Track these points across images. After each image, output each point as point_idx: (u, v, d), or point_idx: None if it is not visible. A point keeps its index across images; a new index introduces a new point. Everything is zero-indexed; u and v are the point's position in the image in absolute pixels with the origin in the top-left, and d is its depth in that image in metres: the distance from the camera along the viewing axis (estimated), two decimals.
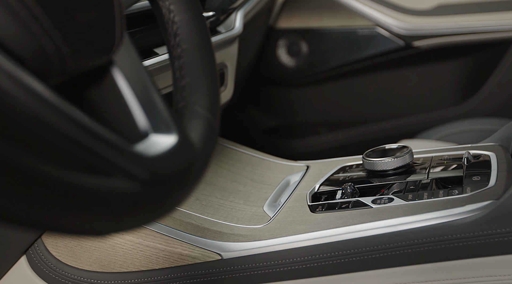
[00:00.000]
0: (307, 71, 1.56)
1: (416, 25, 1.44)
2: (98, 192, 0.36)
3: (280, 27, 1.55)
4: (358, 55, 1.51)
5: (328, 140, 1.60)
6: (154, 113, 0.46)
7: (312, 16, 1.53)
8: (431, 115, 1.51)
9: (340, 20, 1.51)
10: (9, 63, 0.36)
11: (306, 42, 1.54)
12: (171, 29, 0.55)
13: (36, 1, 0.38)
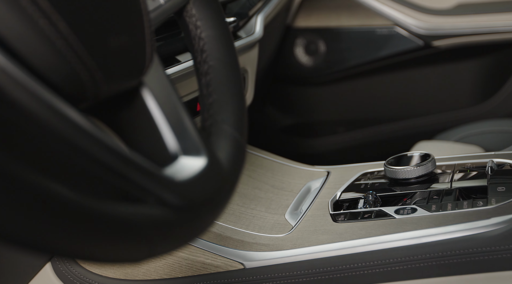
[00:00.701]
0: (325, 70, 1.56)
1: (436, 24, 1.43)
2: (131, 220, 0.36)
3: (298, 26, 1.54)
4: (376, 54, 1.50)
5: (345, 139, 1.60)
6: (183, 134, 0.46)
7: (330, 15, 1.53)
8: (450, 116, 1.50)
9: (358, 20, 1.50)
10: (44, 91, 0.36)
11: (324, 41, 1.53)
12: (198, 45, 0.55)
13: (71, 29, 0.38)
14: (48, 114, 0.36)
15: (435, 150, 1.22)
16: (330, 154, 1.61)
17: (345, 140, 1.60)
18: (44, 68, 0.37)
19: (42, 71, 0.37)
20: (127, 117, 0.46)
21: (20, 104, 0.35)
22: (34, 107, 0.36)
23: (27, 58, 0.36)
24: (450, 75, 1.51)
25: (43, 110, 0.36)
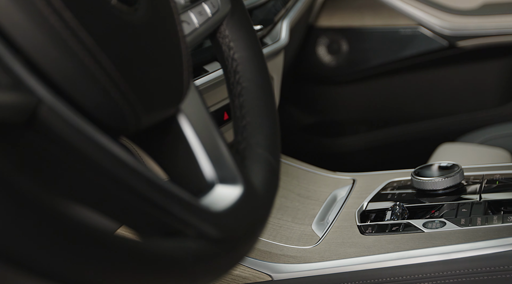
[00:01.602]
0: (347, 69, 1.55)
1: (461, 25, 1.41)
2: (174, 256, 0.37)
3: (321, 26, 1.54)
4: (400, 54, 1.49)
5: (367, 140, 1.59)
6: (219, 162, 0.46)
7: (353, 15, 1.51)
8: (474, 117, 1.49)
9: (382, 20, 1.49)
10: (89, 126, 0.37)
11: (346, 41, 1.52)
12: (231, 66, 0.55)
13: (115, 65, 0.38)
14: (90, 148, 0.37)
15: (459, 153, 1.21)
16: (352, 154, 1.60)
17: (367, 141, 1.59)
18: (88, 104, 0.37)
19: (86, 107, 0.37)
20: (164, 143, 0.46)
21: (65, 140, 0.36)
22: (78, 143, 0.36)
23: (72, 95, 0.37)
24: (474, 76, 1.50)
25: (85, 145, 0.37)
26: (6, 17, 0.34)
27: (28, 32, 0.35)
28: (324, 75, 1.57)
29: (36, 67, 0.36)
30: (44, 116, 0.35)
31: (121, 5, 0.40)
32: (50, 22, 0.35)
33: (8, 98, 0.33)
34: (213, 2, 0.54)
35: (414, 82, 1.54)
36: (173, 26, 0.46)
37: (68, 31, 0.36)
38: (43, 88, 0.35)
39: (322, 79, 1.58)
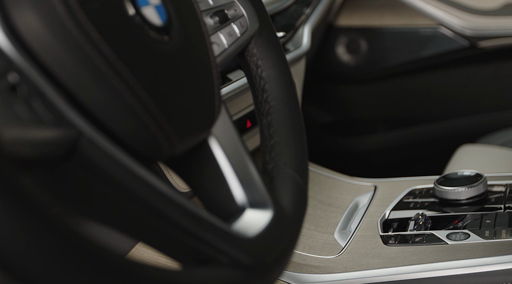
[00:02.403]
0: (366, 69, 1.54)
1: (482, 25, 1.40)
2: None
3: (340, 25, 1.53)
4: (420, 54, 1.48)
5: (385, 139, 1.59)
6: (250, 185, 0.47)
7: (373, 14, 1.51)
8: (494, 118, 1.48)
9: (402, 19, 1.48)
10: (125, 157, 0.37)
11: (366, 40, 1.52)
12: (259, 84, 0.56)
13: (151, 97, 0.39)
14: (127, 179, 0.38)
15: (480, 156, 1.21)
16: (370, 153, 1.60)
17: (385, 140, 1.59)
18: (124, 134, 0.38)
19: (123, 138, 0.38)
20: (196, 166, 0.47)
21: (104, 171, 0.37)
22: (116, 174, 0.37)
23: (110, 126, 0.37)
24: (495, 76, 1.48)
25: (123, 176, 0.37)
26: (48, 53, 0.35)
27: (69, 68, 0.35)
28: (342, 74, 1.56)
29: (76, 100, 0.36)
30: (83, 148, 0.36)
31: (157, 35, 0.41)
32: (90, 57, 0.36)
33: (51, 134, 0.34)
34: (242, 21, 0.54)
35: (434, 82, 1.53)
36: (205, 51, 0.46)
37: (107, 65, 0.36)
38: (82, 121, 0.36)
39: (340, 78, 1.58)
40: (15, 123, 0.32)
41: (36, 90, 0.34)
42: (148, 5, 0.41)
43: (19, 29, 0.34)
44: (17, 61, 0.34)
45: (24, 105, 0.33)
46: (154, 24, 0.41)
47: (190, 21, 0.45)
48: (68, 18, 0.35)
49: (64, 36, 0.35)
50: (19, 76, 0.33)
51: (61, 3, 0.35)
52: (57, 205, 0.36)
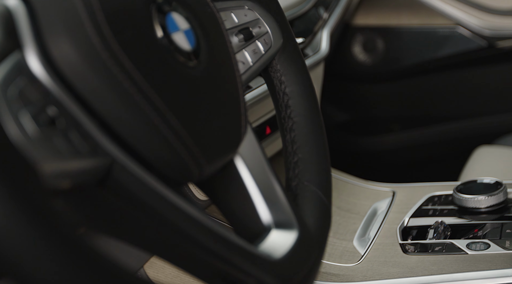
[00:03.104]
0: (382, 68, 1.54)
1: (501, 25, 1.39)
2: None
3: (357, 24, 1.52)
4: (437, 54, 1.48)
5: (400, 138, 1.58)
6: (275, 205, 0.47)
7: (390, 14, 1.50)
8: None
9: (419, 19, 1.47)
10: (156, 183, 0.38)
11: (382, 40, 1.51)
12: (282, 100, 0.56)
13: (181, 124, 0.39)
14: (158, 204, 0.38)
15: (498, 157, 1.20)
16: (385, 152, 1.60)
17: (401, 140, 1.59)
18: (155, 160, 0.39)
19: (154, 163, 0.39)
20: (222, 186, 0.47)
21: (136, 197, 0.37)
22: (148, 199, 0.38)
23: (142, 153, 0.38)
24: None
25: (154, 201, 0.38)
26: (83, 83, 0.35)
27: (103, 97, 0.36)
28: (358, 73, 1.56)
29: (109, 128, 0.37)
30: (116, 174, 0.36)
31: (186, 60, 0.41)
32: (124, 86, 0.36)
33: (88, 164, 0.35)
34: (266, 38, 0.54)
35: (451, 82, 1.53)
36: (231, 71, 0.46)
37: (140, 94, 0.37)
38: (116, 149, 0.36)
39: (356, 77, 1.57)
40: (55, 158, 0.32)
41: (73, 121, 0.34)
42: (178, 31, 0.41)
43: (55, 60, 0.35)
44: (55, 93, 0.34)
45: (63, 138, 0.33)
46: (184, 49, 0.41)
47: (217, 43, 0.45)
48: (103, 49, 0.36)
49: (99, 67, 0.36)
50: (57, 109, 0.34)
51: (97, 34, 0.36)
52: (85, 226, 0.37)
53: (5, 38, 0.34)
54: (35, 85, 0.33)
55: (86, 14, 0.36)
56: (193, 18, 0.43)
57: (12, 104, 0.31)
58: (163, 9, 0.41)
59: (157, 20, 0.40)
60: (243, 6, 0.54)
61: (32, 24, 0.35)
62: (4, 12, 0.35)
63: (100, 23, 0.36)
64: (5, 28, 0.34)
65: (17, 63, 0.33)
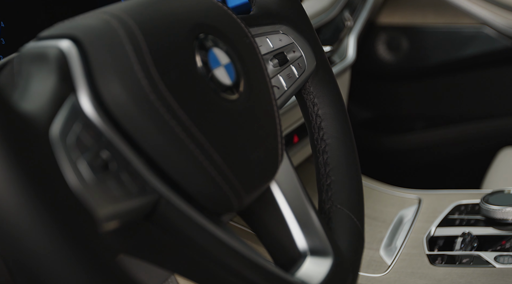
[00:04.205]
0: (406, 67, 1.53)
1: None
2: None
3: (381, 23, 1.52)
4: (462, 53, 1.47)
5: (423, 137, 1.58)
6: (310, 231, 0.48)
7: (416, 13, 1.49)
8: None
9: (444, 18, 1.46)
10: (200, 216, 0.39)
11: (407, 39, 1.51)
12: (315, 122, 0.56)
13: (222, 158, 0.40)
14: (201, 236, 0.40)
15: None
16: (408, 151, 1.60)
17: (423, 138, 1.58)
18: (198, 194, 0.40)
19: (196, 197, 0.40)
20: (258, 211, 0.48)
21: (180, 230, 0.39)
22: (191, 232, 0.39)
23: (185, 187, 0.39)
24: None
25: (197, 234, 0.39)
26: (132, 124, 0.36)
27: (151, 136, 0.37)
28: (382, 71, 1.56)
29: (156, 166, 0.38)
30: (162, 209, 0.38)
31: (227, 95, 0.42)
32: (170, 125, 0.37)
33: (137, 203, 0.36)
34: (300, 62, 0.55)
35: (475, 82, 1.52)
36: (269, 100, 0.47)
37: (185, 132, 0.38)
38: (162, 186, 0.38)
39: (380, 75, 1.57)
40: (108, 202, 0.34)
41: (124, 163, 0.36)
42: (219, 66, 0.42)
43: (106, 102, 0.36)
44: (107, 135, 0.35)
45: (115, 181, 0.34)
46: (225, 84, 0.42)
47: (255, 74, 0.46)
48: (151, 91, 0.37)
49: (148, 108, 0.37)
50: (109, 152, 0.35)
51: (145, 77, 0.37)
52: (124, 253, 0.39)
53: (61, 82, 0.35)
54: (89, 130, 0.34)
55: (135, 57, 0.37)
56: (232, 51, 0.44)
57: (71, 152, 0.32)
58: (205, 45, 0.42)
59: (199, 58, 0.41)
60: (278, 31, 0.54)
61: (84, 67, 0.36)
62: (58, 55, 0.36)
63: (148, 65, 0.37)
64: (60, 71, 0.35)
65: (72, 108, 0.34)
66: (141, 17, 0.39)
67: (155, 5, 0.42)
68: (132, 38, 0.37)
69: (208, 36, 0.43)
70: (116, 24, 0.38)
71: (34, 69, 0.36)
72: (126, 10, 0.39)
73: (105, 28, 0.37)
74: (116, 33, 0.37)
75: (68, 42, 0.36)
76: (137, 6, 0.41)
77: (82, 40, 0.37)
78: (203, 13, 0.44)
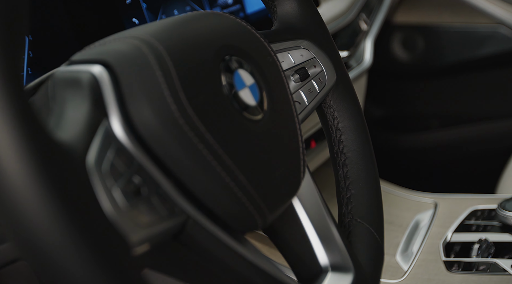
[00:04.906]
0: (421, 66, 1.53)
1: None
2: None
3: (397, 22, 1.52)
4: (477, 53, 1.46)
5: (438, 136, 1.58)
6: (331, 247, 0.49)
7: (432, 12, 1.49)
8: None
9: (461, 18, 1.46)
10: (227, 236, 0.40)
11: (423, 38, 1.50)
12: (335, 135, 0.57)
13: (248, 180, 0.41)
14: (228, 256, 0.41)
15: None
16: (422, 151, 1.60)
17: (438, 139, 1.58)
18: (224, 214, 0.40)
19: (223, 217, 0.41)
20: (279, 226, 0.49)
21: (207, 250, 0.40)
22: (218, 251, 0.40)
23: (213, 208, 0.40)
24: None
25: (224, 254, 0.40)
26: (161, 147, 0.37)
27: (179, 159, 0.38)
28: (397, 70, 1.55)
29: (184, 188, 0.39)
30: (189, 229, 0.39)
31: (251, 115, 0.43)
32: (198, 148, 0.38)
33: (167, 226, 0.37)
34: (321, 77, 0.55)
35: (491, 81, 1.51)
36: (291, 117, 0.48)
37: (212, 155, 0.39)
38: (190, 207, 0.38)
39: (394, 73, 1.57)
40: (141, 227, 0.35)
41: (154, 186, 0.36)
42: (244, 87, 0.43)
43: (136, 126, 0.37)
44: (138, 159, 0.36)
45: (147, 206, 0.35)
46: (250, 105, 0.43)
47: (278, 92, 0.47)
48: (180, 116, 0.38)
49: (177, 132, 0.37)
50: (141, 177, 0.36)
51: (174, 102, 0.37)
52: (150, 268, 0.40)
53: (94, 108, 0.36)
54: (122, 156, 0.35)
55: (165, 83, 0.38)
56: (256, 71, 0.45)
57: (106, 180, 0.33)
58: (230, 67, 0.42)
59: (225, 80, 0.41)
60: (299, 46, 0.55)
61: (116, 92, 0.37)
62: (91, 80, 0.37)
63: (177, 90, 0.38)
64: (93, 97, 0.36)
65: (105, 133, 0.35)
66: (169, 41, 0.40)
67: (181, 28, 0.42)
68: (161, 63, 0.38)
69: (233, 58, 0.43)
70: (146, 49, 0.38)
71: (68, 95, 0.37)
72: (154, 34, 0.40)
73: (135, 54, 0.38)
74: (146, 59, 0.38)
75: (100, 68, 0.37)
76: (165, 29, 0.41)
77: (114, 65, 0.37)
78: (228, 34, 0.45)
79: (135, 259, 0.35)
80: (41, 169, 0.29)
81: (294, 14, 0.55)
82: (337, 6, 0.97)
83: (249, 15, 0.84)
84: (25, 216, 0.29)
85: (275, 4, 0.56)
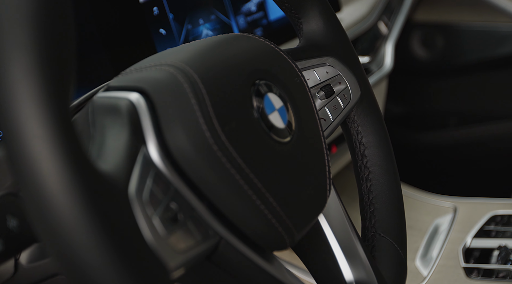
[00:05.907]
0: (441, 64, 1.53)
1: None
2: None
3: (417, 20, 1.51)
4: (498, 52, 1.46)
5: (456, 135, 1.58)
6: (356, 262, 0.50)
7: (452, 11, 1.48)
8: None
9: (481, 17, 1.45)
10: (255, 255, 0.42)
11: (442, 36, 1.50)
12: (359, 150, 0.58)
13: (277, 202, 0.42)
14: (255, 275, 0.42)
15: None
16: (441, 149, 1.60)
17: (456, 136, 1.58)
18: (255, 235, 0.42)
19: (253, 237, 0.42)
20: (305, 242, 0.51)
21: (238, 270, 0.41)
22: (246, 270, 0.42)
23: (244, 229, 0.41)
24: None
25: (252, 272, 0.42)
26: (195, 172, 0.38)
27: (213, 184, 0.39)
28: (417, 68, 1.55)
29: (217, 210, 0.40)
30: (222, 250, 0.40)
31: (279, 138, 0.44)
32: (231, 173, 0.39)
33: (202, 249, 0.38)
34: (345, 93, 0.56)
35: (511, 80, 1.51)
36: (318, 137, 0.49)
37: (243, 179, 0.40)
38: (222, 229, 0.40)
39: (414, 71, 1.57)
40: (178, 253, 0.36)
41: (190, 211, 0.38)
42: (274, 111, 0.44)
43: (172, 153, 0.38)
44: (175, 184, 0.38)
45: (184, 232, 0.37)
46: (279, 128, 0.44)
47: (305, 113, 0.48)
48: (213, 142, 0.39)
49: (211, 158, 0.39)
50: (177, 204, 0.37)
51: (208, 129, 0.39)
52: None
53: (133, 135, 0.37)
54: (160, 182, 0.37)
55: (199, 110, 0.39)
56: (285, 94, 0.46)
57: (146, 208, 0.35)
58: (260, 91, 0.44)
59: (256, 105, 0.43)
60: (325, 63, 0.56)
61: (153, 119, 0.38)
62: (129, 107, 0.38)
63: (211, 116, 0.39)
64: (132, 124, 0.37)
65: (144, 161, 0.37)
66: (202, 68, 0.41)
67: (213, 54, 0.43)
68: (195, 91, 0.39)
69: (263, 82, 0.44)
70: (181, 78, 0.40)
71: (108, 122, 0.38)
72: (188, 62, 0.41)
73: (171, 82, 0.39)
74: (182, 87, 0.39)
75: (137, 95, 0.39)
76: (197, 56, 0.42)
77: (151, 93, 0.39)
78: (257, 58, 0.46)
79: (171, 283, 0.36)
80: (88, 202, 0.30)
81: (320, 31, 0.56)
82: (359, 10, 0.98)
83: (272, 21, 0.85)
84: (73, 247, 0.30)
85: (301, 22, 0.57)
